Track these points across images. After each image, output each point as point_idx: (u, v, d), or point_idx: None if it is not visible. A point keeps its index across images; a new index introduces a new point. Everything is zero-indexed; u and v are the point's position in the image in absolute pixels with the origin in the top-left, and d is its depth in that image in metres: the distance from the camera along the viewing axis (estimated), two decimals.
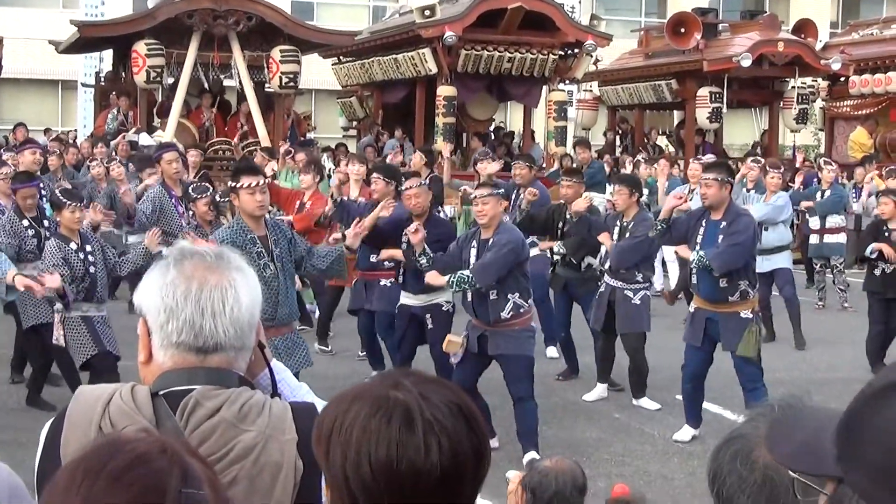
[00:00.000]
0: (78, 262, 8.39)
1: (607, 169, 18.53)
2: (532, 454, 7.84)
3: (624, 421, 9.13)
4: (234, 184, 7.07)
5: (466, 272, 7.92)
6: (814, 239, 15.20)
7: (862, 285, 11.59)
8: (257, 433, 2.06)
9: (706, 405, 9.19)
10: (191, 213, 10.89)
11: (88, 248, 8.53)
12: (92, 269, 8.47)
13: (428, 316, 9.14)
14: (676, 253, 9.64)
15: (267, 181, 7.52)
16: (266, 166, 12.85)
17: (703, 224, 8.54)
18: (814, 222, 15.19)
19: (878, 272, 11.10)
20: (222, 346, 2.13)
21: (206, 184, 11.34)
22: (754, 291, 8.54)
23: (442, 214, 10.63)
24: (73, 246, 8.41)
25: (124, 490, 1.33)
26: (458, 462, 1.66)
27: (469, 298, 8.11)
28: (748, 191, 13.37)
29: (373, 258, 9.69)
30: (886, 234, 11.09)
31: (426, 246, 8.36)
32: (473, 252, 8.07)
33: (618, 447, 8.39)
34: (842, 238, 15.01)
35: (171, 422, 2.06)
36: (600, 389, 9.98)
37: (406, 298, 9.35)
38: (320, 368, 10.41)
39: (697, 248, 8.44)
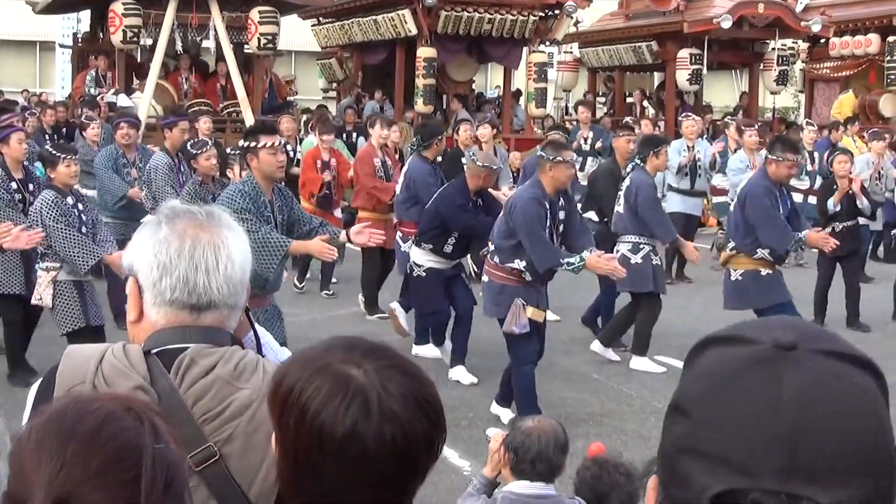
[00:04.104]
0: (75, 217, 8.09)
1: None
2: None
3: (602, 381, 9.20)
4: (251, 143, 6.75)
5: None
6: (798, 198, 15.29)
7: None
8: (252, 391, 2.06)
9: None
10: (192, 171, 10.23)
11: (81, 206, 8.24)
12: (84, 229, 8.14)
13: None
14: None
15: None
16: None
17: (778, 196, 8.87)
18: (802, 183, 15.24)
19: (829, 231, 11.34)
20: (216, 304, 2.14)
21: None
22: None
23: None
24: (70, 200, 8.13)
25: (100, 450, 1.32)
26: (411, 453, 1.67)
27: None
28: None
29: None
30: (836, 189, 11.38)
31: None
32: (548, 212, 7.66)
33: (595, 407, 8.45)
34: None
35: (165, 380, 2.06)
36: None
37: (438, 263, 9.20)
38: (303, 332, 10.44)
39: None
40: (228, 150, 10.39)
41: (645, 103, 23.64)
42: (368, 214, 11.33)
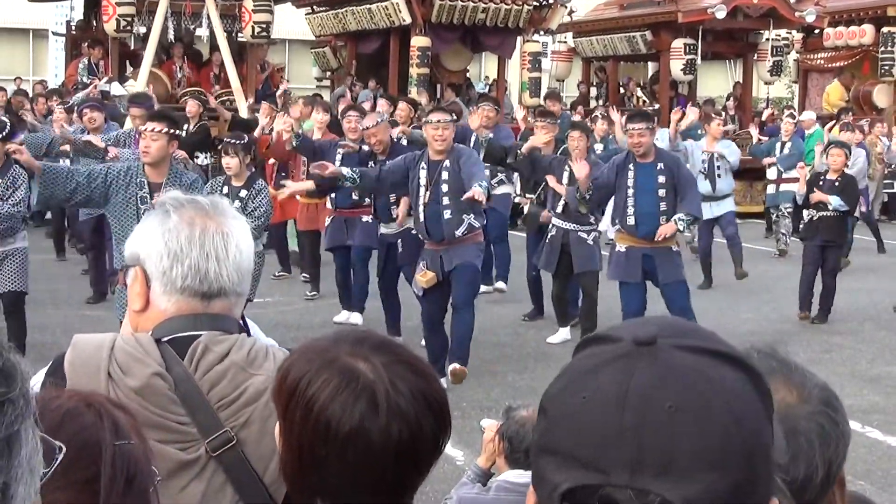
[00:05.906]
0: None
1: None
2: (455, 366, 8.17)
3: None
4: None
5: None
6: (771, 189, 15.54)
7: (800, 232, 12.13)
8: (266, 377, 2.07)
9: None
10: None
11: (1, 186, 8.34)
12: None
13: (399, 241, 9.49)
14: None
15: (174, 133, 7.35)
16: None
17: (632, 169, 8.93)
18: (771, 172, 15.41)
19: (806, 219, 11.51)
20: (225, 292, 2.16)
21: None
22: None
23: None
24: None
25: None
26: (416, 450, 1.68)
27: (422, 219, 8.33)
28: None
29: (354, 196, 9.96)
30: (821, 183, 11.32)
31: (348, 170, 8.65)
32: (423, 173, 8.37)
33: None
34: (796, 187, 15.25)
35: (179, 367, 2.07)
36: (564, 332, 10.09)
37: (382, 228, 9.83)
38: (292, 318, 10.45)
39: (632, 195, 8.95)
40: (225, 140, 10.40)
41: (639, 93, 23.64)
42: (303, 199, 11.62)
